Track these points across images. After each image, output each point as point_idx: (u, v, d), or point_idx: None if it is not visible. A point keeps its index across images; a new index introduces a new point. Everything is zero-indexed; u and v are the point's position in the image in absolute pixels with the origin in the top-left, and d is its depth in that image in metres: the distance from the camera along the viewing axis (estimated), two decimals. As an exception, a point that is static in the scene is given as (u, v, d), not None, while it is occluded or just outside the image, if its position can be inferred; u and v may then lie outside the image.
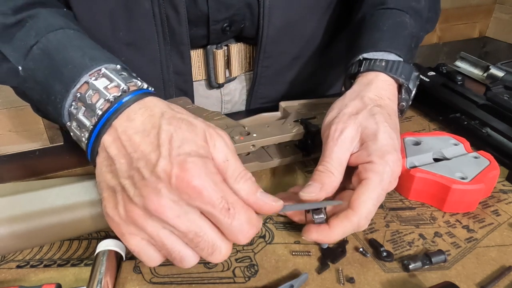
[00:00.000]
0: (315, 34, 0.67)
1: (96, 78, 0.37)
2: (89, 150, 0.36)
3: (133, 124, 0.34)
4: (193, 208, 0.32)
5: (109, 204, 0.34)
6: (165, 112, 0.35)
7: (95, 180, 0.43)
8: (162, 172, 0.31)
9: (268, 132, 0.51)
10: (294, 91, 0.72)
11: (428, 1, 0.59)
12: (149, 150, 0.32)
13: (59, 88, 0.38)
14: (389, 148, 0.41)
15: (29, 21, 0.42)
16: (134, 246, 0.34)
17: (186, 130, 0.33)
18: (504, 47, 2.31)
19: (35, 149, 0.57)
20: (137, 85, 0.37)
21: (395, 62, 0.48)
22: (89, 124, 0.36)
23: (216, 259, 0.34)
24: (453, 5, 2.19)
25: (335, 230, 0.38)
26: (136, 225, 0.33)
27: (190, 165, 0.31)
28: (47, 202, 0.40)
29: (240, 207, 0.33)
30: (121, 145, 0.34)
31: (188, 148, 0.32)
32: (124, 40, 0.56)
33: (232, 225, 0.32)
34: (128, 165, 0.33)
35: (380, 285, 0.38)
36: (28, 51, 0.40)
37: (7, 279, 0.39)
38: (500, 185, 0.52)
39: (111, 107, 0.35)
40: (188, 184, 0.31)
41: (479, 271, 0.40)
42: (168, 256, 0.34)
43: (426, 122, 0.66)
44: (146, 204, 0.31)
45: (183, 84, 0.63)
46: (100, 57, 0.39)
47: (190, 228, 0.32)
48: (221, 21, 0.58)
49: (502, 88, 0.66)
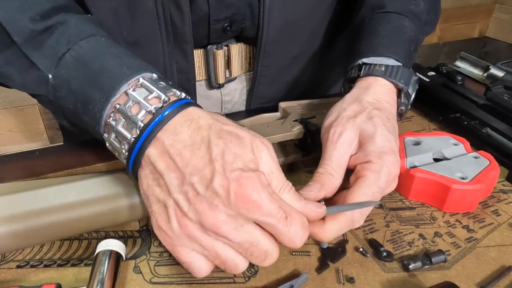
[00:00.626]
0: (315, 34, 0.67)
1: (134, 89, 0.36)
2: (130, 162, 0.36)
3: (181, 137, 0.34)
4: (248, 220, 0.33)
5: (161, 217, 0.34)
6: (213, 125, 0.34)
7: (94, 179, 0.43)
8: (219, 187, 0.31)
9: (267, 132, 0.51)
10: (294, 91, 0.72)
11: (427, 3, 0.59)
12: (202, 165, 0.32)
13: (98, 97, 0.37)
14: (387, 149, 0.41)
15: (59, 27, 0.40)
16: (186, 258, 0.34)
17: (236, 144, 0.34)
18: (504, 47, 2.31)
19: (35, 149, 0.57)
20: (176, 95, 0.37)
21: (395, 67, 0.48)
22: (130, 136, 0.35)
23: (268, 264, 0.35)
24: (453, 5, 2.19)
25: (329, 224, 0.38)
26: (190, 238, 0.33)
27: (246, 180, 0.32)
28: (46, 201, 0.40)
29: (295, 213, 0.34)
30: (170, 159, 0.33)
31: (241, 163, 0.33)
32: (127, 39, 0.56)
33: (290, 231, 0.33)
34: (180, 180, 0.33)
35: (380, 285, 0.39)
36: (60, 58, 0.39)
37: (7, 279, 0.39)
38: (500, 185, 0.52)
39: (154, 119, 0.34)
40: (248, 199, 0.31)
41: (479, 271, 0.40)
42: (221, 265, 0.34)
43: (426, 122, 0.66)
44: (203, 219, 0.32)
45: (185, 83, 0.63)
46: (137, 66, 0.38)
47: (245, 239, 0.33)
48: (221, 20, 0.58)
49: (502, 88, 0.66)
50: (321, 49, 0.70)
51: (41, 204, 0.40)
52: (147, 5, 0.53)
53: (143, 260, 0.41)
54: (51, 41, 0.40)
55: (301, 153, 0.54)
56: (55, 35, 0.40)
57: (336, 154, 0.42)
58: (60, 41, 0.40)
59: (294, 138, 0.53)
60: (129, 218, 0.44)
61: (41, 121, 1.64)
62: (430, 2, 0.60)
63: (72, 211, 0.40)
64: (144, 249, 0.42)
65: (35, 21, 0.40)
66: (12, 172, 0.52)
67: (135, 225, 0.45)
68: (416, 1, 0.57)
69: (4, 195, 0.40)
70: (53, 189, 0.41)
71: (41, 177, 0.51)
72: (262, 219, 0.32)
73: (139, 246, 0.42)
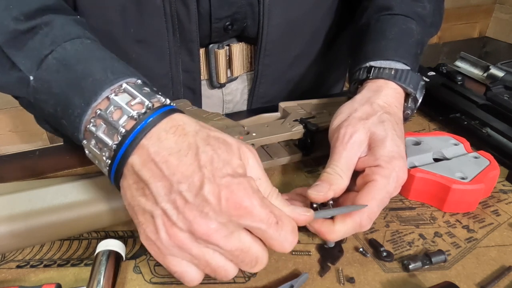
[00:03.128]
0: (316, 33, 0.67)
1: (116, 94, 0.35)
2: (112, 171, 0.34)
3: (166, 144, 0.32)
4: (239, 226, 0.32)
5: (149, 228, 0.32)
6: (199, 131, 0.34)
7: (94, 178, 0.43)
8: (210, 195, 0.31)
9: (267, 132, 0.51)
10: (295, 90, 0.72)
11: (432, 5, 0.59)
12: (190, 172, 0.31)
13: (78, 102, 0.35)
14: (396, 154, 0.41)
15: (44, 28, 0.39)
16: (177, 268, 0.33)
17: (224, 150, 0.33)
18: (504, 47, 2.31)
19: (35, 149, 0.57)
20: (160, 102, 0.35)
21: (404, 71, 0.48)
22: (111, 143, 0.33)
23: (257, 269, 0.34)
24: (453, 5, 2.19)
25: (338, 226, 0.39)
26: (179, 248, 0.32)
27: (237, 186, 0.31)
28: (46, 201, 0.40)
29: (285, 218, 0.34)
30: (156, 167, 0.32)
31: (230, 169, 0.32)
32: (134, 37, 0.56)
33: (280, 236, 0.33)
34: (168, 189, 0.31)
35: (380, 285, 0.38)
36: (42, 60, 0.38)
37: (7, 279, 0.39)
38: (500, 185, 0.52)
39: (137, 126, 0.33)
40: (240, 205, 0.31)
41: (479, 271, 0.40)
42: (211, 273, 0.34)
43: (426, 122, 0.66)
44: (193, 228, 0.31)
45: (191, 82, 0.63)
46: (121, 71, 0.37)
47: (236, 246, 0.32)
48: (223, 19, 0.58)
49: (502, 88, 0.66)
50: (323, 49, 0.70)
51: (41, 204, 0.40)
52: (155, 2, 0.53)
53: (143, 260, 0.41)
54: (34, 42, 0.39)
55: (301, 153, 0.54)
56: (38, 35, 0.39)
57: (346, 155, 0.42)
58: (44, 42, 0.38)
59: (294, 138, 0.53)
60: (129, 218, 0.44)
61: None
62: (435, 4, 0.60)
63: (72, 211, 0.40)
64: (144, 249, 0.42)
65: (19, 20, 0.39)
66: (12, 172, 0.52)
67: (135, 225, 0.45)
68: (422, 3, 0.57)
69: (4, 195, 0.40)
70: (53, 189, 0.41)
71: (41, 177, 0.51)
72: (254, 224, 0.32)
73: (139, 246, 0.42)
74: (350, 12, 0.67)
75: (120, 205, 0.42)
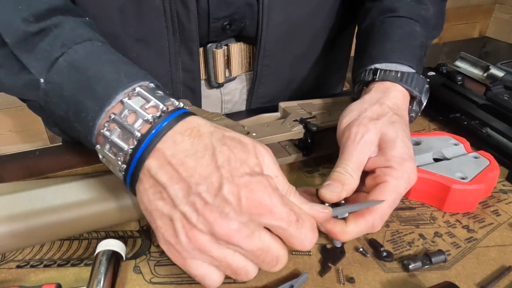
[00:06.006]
0: (317, 34, 0.67)
1: (129, 97, 0.34)
2: (128, 176, 0.33)
3: (182, 146, 0.32)
4: (259, 226, 0.32)
5: (168, 232, 0.32)
6: (214, 132, 0.33)
7: (94, 178, 0.43)
8: (230, 195, 0.30)
9: (267, 132, 0.51)
10: (295, 91, 0.72)
11: (435, 7, 0.59)
12: (208, 173, 0.31)
13: (92, 106, 0.35)
14: (407, 156, 0.41)
15: (54, 30, 0.38)
16: (198, 271, 0.33)
17: (240, 149, 0.33)
18: (504, 47, 2.31)
19: (35, 149, 0.57)
20: (174, 105, 0.35)
21: (410, 74, 0.48)
22: (127, 148, 0.33)
23: (278, 269, 0.34)
24: (453, 5, 2.19)
25: (350, 226, 0.39)
26: (200, 250, 0.32)
27: (256, 185, 0.31)
28: (46, 201, 0.40)
29: (304, 216, 0.33)
30: (173, 170, 0.32)
31: (248, 168, 0.32)
32: (134, 36, 0.56)
33: (301, 234, 0.33)
34: (186, 191, 0.31)
35: (380, 285, 0.39)
36: (53, 63, 0.37)
37: (7, 279, 0.39)
38: (500, 185, 0.52)
39: (152, 129, 0.32)
40: (260, 204, 0.31)
41: (479, 271, 0.40)
42: (232, 275, 0.34)
43: (426, 122, 0.66)
44: (214, 229, 0.30)
45: (191, 81, 0.63)
46: (135, 74, 0.37)
47: (258, 246, 0.32)
48: (221, 18, 0.58)
49: (502, 88, 0.66)
50: (323, 50, 0.70)
51: (41, 204, 0.40)
52: (154, 1, 0.53)
53: (143, 260, 0.41)
54: (45, 44, 0.38)
55: (301, 153, 0.54)
56: (49, 38, 0.38)
57: (357, 155, 0.42)
58: (54, 44, 0.38)
59: (294, 138, 0.53)
60: (129, 218, 0.44)
61: (41, 121, 1.64)
62: (438, 6, 0.60)
63: (72, 211, 0.40)
64: (144, 249, 0.42)
65: (29, 22, 0.38)
66: (12, 172, 0.52)
67: (135, 225, 0.45)
68: (425, 5, 0.57)
69: (4, 195, 0.40)
70: (53, 189, 0.41)
71: (41, 177, 0.51)
72: (274, 223, 0.32)
73: (139, 246, 0.42)
74: (352, 13, 0.67)
75: (120, 205, 0.42)
